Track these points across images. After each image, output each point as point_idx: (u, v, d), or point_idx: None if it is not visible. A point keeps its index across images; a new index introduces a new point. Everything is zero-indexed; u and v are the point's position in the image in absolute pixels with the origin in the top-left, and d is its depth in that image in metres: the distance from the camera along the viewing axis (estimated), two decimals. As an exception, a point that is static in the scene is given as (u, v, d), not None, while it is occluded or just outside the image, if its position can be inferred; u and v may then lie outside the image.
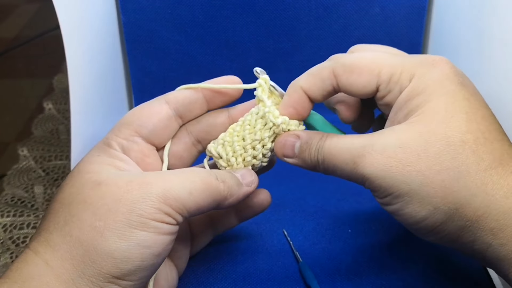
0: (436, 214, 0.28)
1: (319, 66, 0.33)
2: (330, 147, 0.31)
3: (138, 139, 0.34)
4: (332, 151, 0.31)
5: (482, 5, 0.45)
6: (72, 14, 0.42)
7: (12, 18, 0.94)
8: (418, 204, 0.29)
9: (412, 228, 0.30)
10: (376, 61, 0.31)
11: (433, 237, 0.30)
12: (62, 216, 0.29)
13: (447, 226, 0.29)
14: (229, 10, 0.53)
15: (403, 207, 0.29)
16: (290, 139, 0.33)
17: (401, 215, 0.30)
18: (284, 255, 0.41)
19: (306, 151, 0.32)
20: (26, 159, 0.59)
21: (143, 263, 0.28)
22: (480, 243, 0.28)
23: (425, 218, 0.29)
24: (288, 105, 0.33)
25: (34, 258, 0.28)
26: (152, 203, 0.28)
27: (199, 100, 0.35)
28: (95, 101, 0.48)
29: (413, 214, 0.29)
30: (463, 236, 0.29)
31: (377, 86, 0.31)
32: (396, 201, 0.29)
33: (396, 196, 0.29)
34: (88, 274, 0.27)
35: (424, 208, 0.28)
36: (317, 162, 0.32)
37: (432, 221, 0.29)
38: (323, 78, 0.32)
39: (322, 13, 0.53)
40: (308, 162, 0.33)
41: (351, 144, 0.30)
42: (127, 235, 0.27)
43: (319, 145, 0.32)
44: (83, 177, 0.30)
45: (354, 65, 0.31)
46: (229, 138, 0.34)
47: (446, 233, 0.29)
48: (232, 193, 0.32)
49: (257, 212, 0.38)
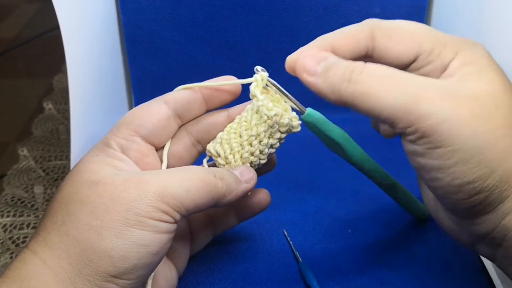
0: (489, 178, 0.27)
1: (355, 26, 0.31)
2: (379, 71, 0.28)
3: (137, 138, 0.34)
4: (382, 76, 0.27)
5: (482, 5, 0.45)
6: (72, 14, 0.42)
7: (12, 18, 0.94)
8: (476, 164, 0.26)
9: (450, 191, 0.28)
10: (418, 31, 0.30)
11: (466, 205, 0.28)
12: (60, 216, 0.29)
13: (493, 193, 0.27)
14: (229, 10, 0.53)
15: (456, 164, 0.27)
16: (317, 55, 0.30)
17: (448, 173, 0.27)
18: (284, 255, 0.41)
19: (333, 67, 0.29)
20: (26, 159, 0.59)
21: (140, 262, 0.28)
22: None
23: (476, 180, 0.27)
24: (305, 54, 0.30)
25: (32, 257, 0.28)
26: (149, 201, 0.28)
27: (197, 100, 0.35)
28: (95, 101, 0.48)
29: (465, 174, 0.27)
30: (500, 207, 0.28)
31: (416, 56, 0.30)
32: (451, 156, 0.27)
33: (455, 149, 0.26)
34: (85, 273, 0.27)
35: (480, 169, 0.27)
36: (347, 82, 0.28)
37: (481, 185, 0.27)
38: (359, 39, 0.31)
39: (322, 13, 0.53)
40: (331, 80, 0.28)
41: (415, 78, 0.28)
42: (124, 233, 0.27)
43: (354, 65, 0.28)
44: (81, 176, 0.30)
45: (395, 30, 0.30)
46: (227, 136, 0.35)
47: (487, 202, 0.28)
48: (230, 190, 0.32)
49: (256, 211, 0.38)
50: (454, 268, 0.39)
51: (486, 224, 0.29)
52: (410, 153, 0.29)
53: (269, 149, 0.34)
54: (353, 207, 0.45)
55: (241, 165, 0.34)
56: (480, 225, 0.29)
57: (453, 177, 0.27)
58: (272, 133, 0.34)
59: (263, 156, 0.35)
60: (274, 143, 0.34)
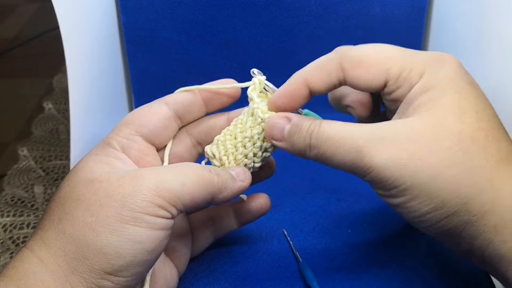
0: (444, 208, 0.28)
1: (325, 59, 0.32)
2: (329, 133, 0.30)
3: (138, 138, 0.34)
4: (332, 138, 0.30)
5: (482, 5, 0.45)
6: (71, 14, 0.42)
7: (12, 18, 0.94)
8: (427, 197, 0.28)
9: (415, 221, 0.30)
10: (385, 56, 0.31)
11: (435, 231, 0.30)
12: (57, 214, 0.29)
13: (452, 220, 0.28)
14: (229, 10, 0.53)
15: (409, 200, 0.29)
16: (280, 121, 0.32)
17: (406, 208, 0.29)
18: (284, 255, 0.41)
19: (296, 134, 0.31)
20: (26, 159, 0.59)
21: (136, 259, 0.28)
22: (482, 239, 0.28)
23: (431, 211, 0.28)
24: (284, 95, 0.33)
25: (29, 256, 0.28)
26: (144, 196, 0.28)
27: (197, 101, 0.36)
28: (95, 101, 0.48)
29: (419, 207, 0.29)
30: (466, 231, 0.29)
31: (386, 82, 0.31)
32: (403, 194, 0.29)
33: (403, 189, 0.28)
34: (81, 270, 0.27)
35: (432, 201, 0.28)
36: (308, 147, 0.31)
37: (438, 215, 0.28)
38: (330, 71, 0.32)
39: (322, 13, 0.53)
40: (297, 146, 0.31)
41: (358, 132, 0.29)
42: (119, 230, 0.27)
43: (311, 129, 0.31)
44: (78, 175, 0.30)
45: (362, 59, 0.31)
46: (223, 137, 0.35)
47: (450, 227, 0.29)
48: (226, 186, 0.32)
49: (256, 216, 0.38)
50: (454, 268, 0.39)
51: (462, 244, 0.30)
52: (377, 194, 0.31)
53: (263, 152, 0.34)
54: (353, 207, 0.45)
55: (236, 166, 0.34)
56: (459, 244, 0.30)
57: (411, 211, 0.29)
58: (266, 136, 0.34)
59: (257, 159, 0.35)
60: (268, 147, 0.34)
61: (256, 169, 0.35)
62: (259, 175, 0.37)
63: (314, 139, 0.31)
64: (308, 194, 0.47)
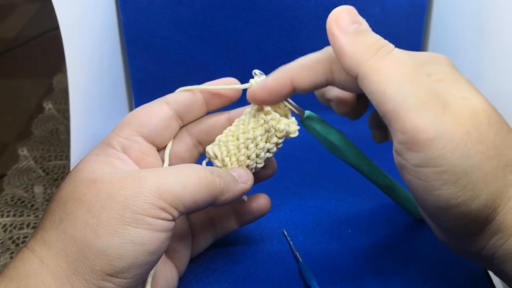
0: (474, 202, 0.26)
1: (314, 59, 0.31)
2: (403, 65, 0.27)
3: (139, 138, 0.34)
4: (404, 72, 0.27)
5: (482, 5, 0.45)
6: (71, 14, 0.42)
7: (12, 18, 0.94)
8: (462, 187, 0.26)
9: (435, 213, 0.28)
10: None
11: (452, 225, 0.28)
12: (58, 215, 0.29)
13: (478, 217, 0.27)
14: (229, 10, 0.53)
15: (442, 186, 0.26)
16: (353, 16, 0.29)
17: (433, 196, 0.27)
18: (284, 255, 0.41)
19: (367, 37, 0.28)
20: (26, 159, 0.59)
21: (137, 261, 0.28)
22: (499, 237, 0.27)
23: (461, 204, 0.26)
24: (265, 89, 0.32)
25: (30, 256, 0.28)
26: (146, 198, 0.28)
27: (198, 101, 0.35)
28: (95, 101, 0.48)
29: (451, 198, 0.26)
30: (488, 228, 0.28)
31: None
32: (436, 178, 0.26)
33: (441, 171, 0.26)
34: (82, 272, 0.27)
35: (465, 193, 0.26)
36: (368, 60, 0.27)
37: (465, 209, 0.26)
38: (318, 72, 0.31)
39: (322, 13, 0.53)
40: (357, 49, 0.28)
41: (430, 86, 0.27)
42: (120, 231, 0.27)
43: (387, 48, 0.27)
44: (80, 176, 0.30)
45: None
46: (225, 138, 0.35)
47: (471, 224, 0.27)
48: (228, 188, 0.32)
49: (257, 217, 0.38)
50: (454, 268, 0.39)
51: (475, 244, 0.29)
52: (399, 167, 0.28)
53: (266, 153, 0.34)
54: (353, 207, 0.45)
55: (238, 167, 0.34)
56: (470, 244, 0.29)
57: (438, 200, 0.27)
58: (269, 137, 0.34)
59: (259, 160, 0.35)
60: (271, 148, 0.34)
61: (258, 170, 0.35)
62: (260, 175, 0.37)
63: (383, 52, 0.27)
64: (308, 194, 0.47)
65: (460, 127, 0.26)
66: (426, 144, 0.26)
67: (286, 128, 0.34)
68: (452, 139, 0.26)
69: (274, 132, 0.34)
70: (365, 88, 0.28)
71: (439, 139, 0.25)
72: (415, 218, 0.43)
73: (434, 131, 0.25)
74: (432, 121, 0.26)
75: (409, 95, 0.26)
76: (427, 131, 0.25)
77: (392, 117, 0.26)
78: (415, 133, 0.26)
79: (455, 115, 0.26)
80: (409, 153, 0.27)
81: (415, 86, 0.26)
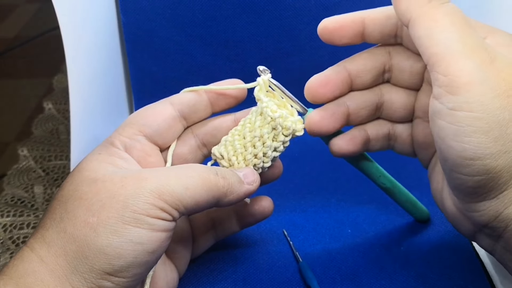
0: (501, 158, 0.25)
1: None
2: (454, 14, 0.27)
3: (141, 138, 0.34)
4: (454, 20, 0.27)
5: (482, 6, 0.45)
6: (72, 14, 0.42)
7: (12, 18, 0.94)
8: (493, 139, 0.25)
9: (458, 164, 0.27)
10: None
11: (472, 182, 0.27)
12: (58, 213, 0.29)
13: (500, 176, 0.26)
14: (229, 10, 0.53)
15: (473, 133, 0.25)
16: None
17: (461, 143, 0.26)
18: (284, 255, 0.40)
19: None
20: (26, 159, 0.59)
21: (136, 260, 0.28)
22: None
23: (488, 156, 0.25)
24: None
25: (30, 254, 0.28)
26: (146, 198, 0.28)
27: (203, 102, 0.35)
28: (95, 101, 0.48)
29: (480, 147, 0.25)
30: (503, 194, 0.27)
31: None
32: (470, 123, 0.25)
33: (476, 117, 0.25)
34: (81, 270, 0.27)
35: (495, 145, 0.25)
36: (422, 6, 0.27)
37: (491, 163, 0.26)
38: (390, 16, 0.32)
39: (322, 13, 0.53)
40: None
41: (479, 40, 0.27)
42: (120, 231, 0.27)
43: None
44: (81, 175, 0.30)
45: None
46: (231, 137, 0.35)
47: (491, 183, 0.26)
48: (232, 190, 0.32)
49: (259, 219, 0.38)
50: (454, 268, 0.39)
51: (488, 211, 0.28)
52: (432, 113, 0.28)
53: (273, 152, 0.34)
54: (353, 207, 0.45)
55: (245, 167, 0.34)
56: (483, 211, 0.28)
57: (466, 148, 0.26)
58: (276, 135, 0.34)
59: (266, 159, 0.34)
60: (278, 146, 0.34)
61: (266, 170, 0.35)
62: (267, 177, 0.37)
63: (438, 1, 0.27)
64: (308, 194, 0.47)
65: (504, 81, 0.26)
66: (467, 88, 0.26)
67: (293, 126, 0.33)
68: (493, 89, 0.25)
69: (281, 129, 0.33)
70: (414, 33, 0.28)
71: (481, 85, 0.25)
72: (416, 220, 0.43)
73: (477, 77, 0.25)
74: (476, 67, 0.26)
75: (457, 42, 0.26)
76: (470, 75, 0.26)
77: (437, 60, 0.27)
78: (457, 75, 0.26)
79: (501, 69, 0.26)
80: (447, 96, 0.26)
81: (464, 35, 0.27)
